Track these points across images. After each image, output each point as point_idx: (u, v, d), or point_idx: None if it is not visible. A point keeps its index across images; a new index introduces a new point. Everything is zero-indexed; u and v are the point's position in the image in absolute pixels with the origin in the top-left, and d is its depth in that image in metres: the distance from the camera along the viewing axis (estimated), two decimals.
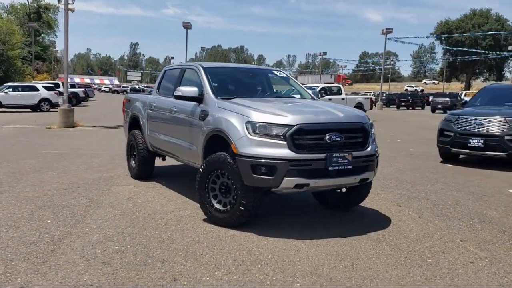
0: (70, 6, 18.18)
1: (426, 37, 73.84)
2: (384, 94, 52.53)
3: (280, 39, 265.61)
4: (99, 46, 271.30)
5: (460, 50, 65.74)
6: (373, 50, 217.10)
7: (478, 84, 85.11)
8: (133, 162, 7.83)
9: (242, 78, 6.75)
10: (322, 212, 5.94)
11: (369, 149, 5.16)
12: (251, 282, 3.68)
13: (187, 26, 39.12)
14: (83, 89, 38.34)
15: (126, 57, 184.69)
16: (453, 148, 9.97)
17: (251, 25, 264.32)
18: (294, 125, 4.70)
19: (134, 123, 7.89)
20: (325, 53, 65.86)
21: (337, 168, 4.80)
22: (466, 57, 67.26)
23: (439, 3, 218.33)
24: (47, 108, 27.41)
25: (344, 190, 5.71)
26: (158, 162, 7.91)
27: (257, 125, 4.77)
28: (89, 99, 43.04)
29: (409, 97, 49.24)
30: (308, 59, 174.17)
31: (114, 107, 36.29)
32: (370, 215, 5.86)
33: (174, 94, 5.88)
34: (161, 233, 4.86)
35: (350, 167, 4.89)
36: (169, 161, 8.34)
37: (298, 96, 6.58)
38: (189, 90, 5.76)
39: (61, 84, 32.82)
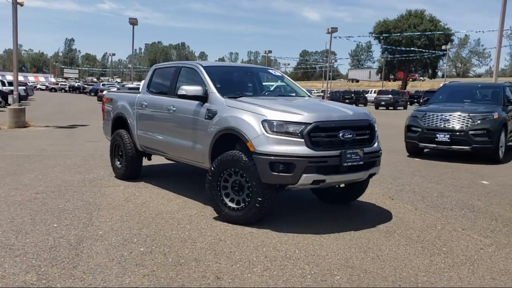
0: (19, 0, 17.26)
1: (368, 35, 76.03)
2: (329, 92, 53.87)
3: (221, 36, 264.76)
4: (30, 41, 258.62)
5: (397, 49, 68.72)
6: (313, 48, 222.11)
7: (413, 81, 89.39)
8: (118, 162, 7.67)
9: (242, 77, 6.80)
10: (322, 207, 6.11)
11: (375, 145, 5.40)
12: (293, 277, 3.78)
13: (133, 22, 38.22)
14: (24, 87, 36.47)
15: (61, 54, 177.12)
16: (421, 143, 10.51)
17: (191, 21, 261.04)
18: (311, 123, 4.83)
19: (118, 123, 7.71)
20: (270, 51, 66.58)
21: (350, 164, 4.99)
22: (403, 55, 70.45)
23: (372, 2, 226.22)
24: None
25: (342, 185, 5.95)
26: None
27: (274, 123, 4.86)
28: (29, 97, 41.00)
29: (353, 94, 50.81)
30: (250, 57, 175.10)
31: (58, 106, 34.95)
32: (369, 208, 6.11)
33: (178, 93, 5.83)
34: (179, 233, 4.84)
35: (361, 163, 5.09)
36: (154, 161, 8.26)
37: (294, 94, 6.72)
38: (193, 89, 5.74)
39: None
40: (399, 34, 63.98)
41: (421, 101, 35.49)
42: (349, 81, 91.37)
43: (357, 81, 75.01)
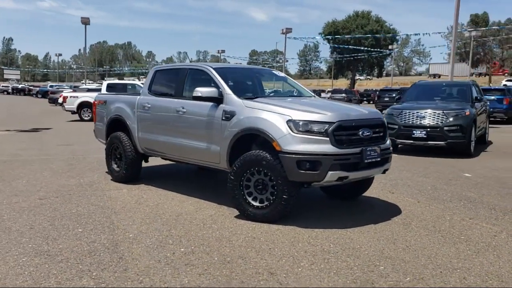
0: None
1: (319, 36, 77.54)
2: None
3: (169, 36, 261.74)
4: None
5: (346, 47, 70.74)
6: (262, 48, 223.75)
7: (361, 80, 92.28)
8: (116, 165, 7.58)
9: (249, 78, 6.91)
10: (333, 203, 6.34)
11: (388, 142, 5.69)
12: (341, 269, 3.96)
13: (85, 21, 37.18)
14: None
15: None
16: (398, 139, 11.00)
17: (137, 20, 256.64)
18: (334, 122, 5.04)
19: (115, 125, 7.62)
20: (223, 51, 66.64)
21: (370, 160, 5.24)
22: (353, 55, 72.65)
23: (318, 3, 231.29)
24: None
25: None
26: None
27: (300, 123, 5.03)
28: None
29: None
30: (199, 56, 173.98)
31: (8, 108, 33.46)
32: (376, 203, 6.40)
33: (193, 95, 5.86)
34: (209, 233, 4.91)
35: (379, 159, 5.37)
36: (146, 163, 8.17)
37: (299, 94, 6.91)
38: (209, 90, 5.80)
39: None
40: (349, 36, 65.87)
41: (376, 99, 36.83)
42: (430, 76, 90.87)
43: (439, 76, 75.29)
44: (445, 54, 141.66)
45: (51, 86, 56.23)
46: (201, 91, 5.81)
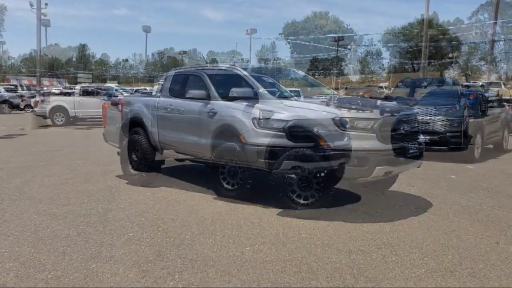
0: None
1: (282, 35, 78.46)
2: None
3: (122, 36, 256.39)
4: None
5: (306, 48, 71.76)
6: (218, 49, 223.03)
7: (320, 79, 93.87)
8: (135, 156, 7.56)
9: (275, 78, 6.96)
10: (363, 198, 6.49)
11: (421, 137, 5.89)
12: (414, 261, 4.10)
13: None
14: None
15: None
16: None
17: (88, 22, 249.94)
18: (379, 118, 5.18)
19: (131, 127, 7.53)
20: (184, 52, 66.13)
21: (411, 154, 5.42)
22: (313, 55, 73.81)
23: (267, 4, 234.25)
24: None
25: None
26: None
27: (347, 121, 5.13)
28: None
29: None
30: (155, 58, 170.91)
31: None
32: (403, 196, 6.59)
33: (230, 95, 5.86)
34: (262, 231, 4.91)
35: (417, 153, 5.56)
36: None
37: (321, 92, 7.03)
38: (244, 90, 5.85)
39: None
40: (312, 37, 66.78)
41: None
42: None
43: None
44: (396, 53, 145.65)
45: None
46: (236, 91, 5.82)
